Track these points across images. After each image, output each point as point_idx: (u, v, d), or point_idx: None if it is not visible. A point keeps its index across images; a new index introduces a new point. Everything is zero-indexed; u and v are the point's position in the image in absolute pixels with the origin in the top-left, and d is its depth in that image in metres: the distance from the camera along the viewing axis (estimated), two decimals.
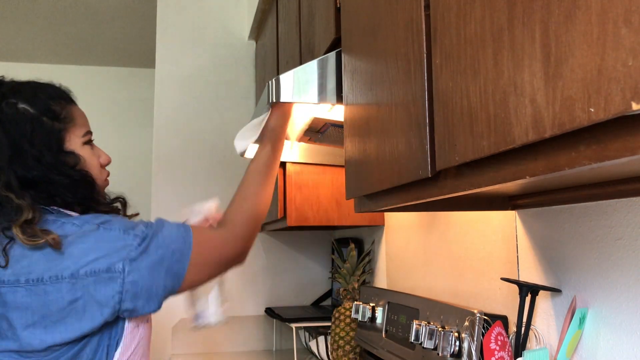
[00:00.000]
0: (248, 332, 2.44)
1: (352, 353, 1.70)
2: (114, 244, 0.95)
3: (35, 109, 1.02)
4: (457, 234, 1.33)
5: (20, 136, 0.98)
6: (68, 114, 1.06)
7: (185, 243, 1.03)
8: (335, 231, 2.49)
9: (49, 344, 0.93)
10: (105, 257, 0.94)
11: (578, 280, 0.93)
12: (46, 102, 1.04)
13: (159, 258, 0.98)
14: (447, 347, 1.05)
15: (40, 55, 3.91)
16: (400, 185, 0.80)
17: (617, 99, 0.39)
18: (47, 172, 0.99)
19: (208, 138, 2.51)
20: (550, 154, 0.49)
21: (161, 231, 1.02)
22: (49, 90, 1.08)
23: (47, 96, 1.05)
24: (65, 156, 1.02)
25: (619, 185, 0.79)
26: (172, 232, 1.03)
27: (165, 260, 0.99)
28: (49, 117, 1.03)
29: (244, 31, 2.62)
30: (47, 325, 0.92)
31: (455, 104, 0.62)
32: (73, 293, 0.92)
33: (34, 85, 1.08)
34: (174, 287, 1.02)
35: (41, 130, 1.01)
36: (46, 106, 1.03)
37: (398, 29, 0.80)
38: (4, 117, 1.00)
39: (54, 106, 1.04)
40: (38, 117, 1.01)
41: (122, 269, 0.94)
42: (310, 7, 1.45)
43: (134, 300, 0.96)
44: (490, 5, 0.56)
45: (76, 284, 0.92)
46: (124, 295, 0.94)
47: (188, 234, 1.04)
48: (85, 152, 1.07)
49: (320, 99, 1.15)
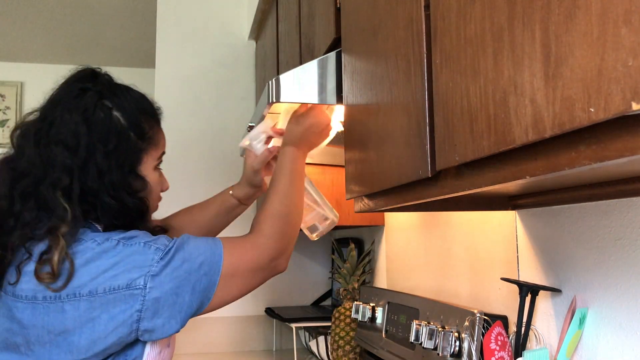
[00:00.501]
0: (248, 332, 2.44)
1: (352, 353, 1.70)
2: (134, 259, 0.90)
3: (127, 121, 0.97)
4: (457, 234, 1.33)
5: (100, 144, 0.93)
6: (153, 135, 1.03)
7: (214, 255, 0.96)
8: (335, 231, 2.49)
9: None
10: (124, 273, 0.88)
11: (578, 280, 0.93)
12: (138, 116, 1.00)
13: (184, 272, 0.92)
14: (447, 347, 1.05)
15: (41, 55, 3.91)
16: (400, 185, 0.80)
17: (617, 99, 0.39)
18: (103, 191, 0.93)
19: (208, 138, 2.51)
20: (550, 154, 0.49)
21: (187, 243, 0.95)
22: (144, 103, 1.04)
23: (141, 110, 1.01)
24: (134, 179, 0.98)
25: (619, 185, 0.79)
26: (199, 244, 0.96)
27: (192, 275, 0.92)
28: (136, 133, 0.98)
29: (244, 31, 2.62)
30: (62, 344, 0.88)
31: (455, 104, 0.62)
32: (91, 311, 0.87)
33: (132, 94, 1.03)
34: (202, 304, 0.95)
35: (123, 146, 0.96)
36: (137, 121, 0.99)
37: (398, 29, 0.80)
38: (95, 119, 0.95)
39: (144, 123, 1.00)
40: (126, 131, 0.97)
41: (144, 285, 0.88)
42: (310, 7, 1.45)
43: (153, 318, 0.89)
44: (490, 5, 0.56)
45: (94, 302, 0.87)
46: (144, 313, 0.88)
47: (217, 245, 0.97)
48: (153, 177, 1.04)
49: (320, 99, 1.15)
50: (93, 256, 0.89)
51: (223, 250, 0.97)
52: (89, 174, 0.92)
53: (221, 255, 0.96)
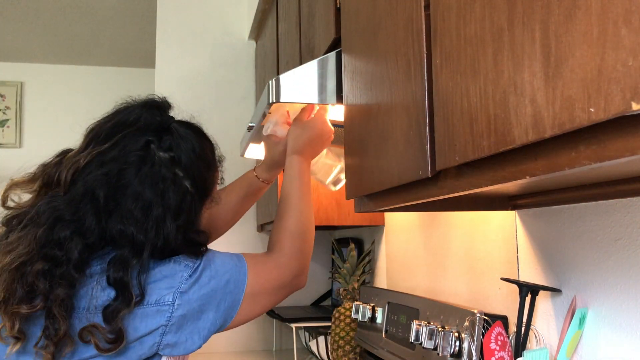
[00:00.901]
0: (248, 332, 2.44)
1: (352, 353, 1.70)
2: (164, 274, 0.90)
3: (195, 188, 0.95)
4: (457, 234, 1.33)
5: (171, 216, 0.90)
6: (213, 183, 1.02)
7: (239, 273, 0.96)
8: (335, 231, 2.49)
9: None
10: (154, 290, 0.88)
11: (578, 280, 0.93)
12: (207, 179, 1.00)
13: (211, 290, 0.92)
14: (447, 347, 1.05)
15: (40, 55, 3.91)
16: (400, 185, 0.80)
17: (617, 99, 0.39)
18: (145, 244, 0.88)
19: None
20: (550, 154, 0.49)
21: (214, 260, 0.95)
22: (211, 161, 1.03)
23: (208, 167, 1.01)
24: (192, 234, 0.95)
25: (619, 185, 0.79)
26: (225, 260, 0.96)
27: (218, 292, 0.93)
28: (201, 196, 0.97)
29: (244, 31, 2.62)
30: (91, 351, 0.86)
31: (455, 104, 0.62)
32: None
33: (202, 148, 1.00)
34: (225, 321, 0.95)
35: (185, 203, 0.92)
36: (204, 185, 0.98)
37: (398, 29, 0.80)
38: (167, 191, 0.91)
39: (209, 184, 1.00)
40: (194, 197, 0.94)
41: (172, 301, 0.88)
42: (310, 7, 1.45)
43: (177, 333, 0.89)
44: (490, 5, 0.56)
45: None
46: (168, 328, 0.88)
47: (242, 263, 0.97)
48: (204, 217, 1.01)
49: (320, 99, 1.15)
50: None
51: (247, 269, 0.97)
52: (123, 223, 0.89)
53: (246, 274, 0.97)
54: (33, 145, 3.96)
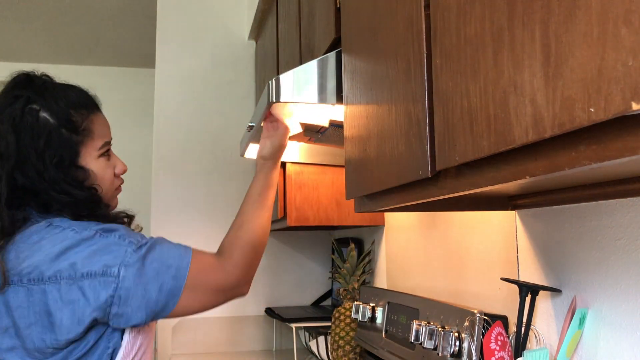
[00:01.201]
0: (248, 332, 2.44)
1: (352, 353, 1.70)
2: (111, 249, 0.97)
3: (56, 119, 1.01)
4: (457, 234, 1.33)
5: (31, 147, 0.98)
6: (88, 126, 1.05)
7: (182, 261, 1.01)
8: (335, 231, 2.49)
9: (49, 345, 0.95)
10: (101, 261, 0.95)
11: (578, 280, 0.93)
12: (68, 111, 1.03)
13: (153, 271, 0.98)
14: (447, 347, 1.05)
15: (40, 55, 3.91)
16: (400, 185, 0.80)
17: (617, 99, 0.39)
18: (48, 188, 0.99)
19: (208, 138, 2.51)
20: (550, 154, 0.49)
21: (160, 245, 1.02)
22: (74, 96, 1.06)
23: (70, 104, 1.04)
24: (76, 171, 1.02)
25: (619, 185, 0.79)
26: (170, 248, 1.03)
27: (160, 275, 0.99)
28: (68, 128, 1.02)
29: (244, 31, 2.62)
30: (45, 325, 0.94)
31: (455, 104, 0.62)
32: (70, 294, 0.94)
33: (60, 88, 1.06)
34: (167, 304, 1.00)
35: (56, 143, 1.00)
36: (67, 116, 1.02)
37: (398, 29, 0.80)
38: (22, 125, 0.99)
39: (75, 117, 1.03)
40: (57, 129, 1.01)
41: (117, 273, 0.96)
42: (310, 7, 1.45)
43: (123, 306, 0.96)
44: (490, 5, 0.56)
45: (73, 285, 0.94)
46: (115, 299, 0.95)
47: (187, 254, 1.03)
48: (99, 164, 1.06)
49: (320, 99, 1.15)
50: (72, 244, 0.96)
51: (191, 261, 1.02)
52: (30, 175, 0.98)
53: (189, 264, 1.02)
54: None
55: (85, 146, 1.04)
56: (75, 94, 1.08)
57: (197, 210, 2.43)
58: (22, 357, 0.96)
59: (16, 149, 0.98)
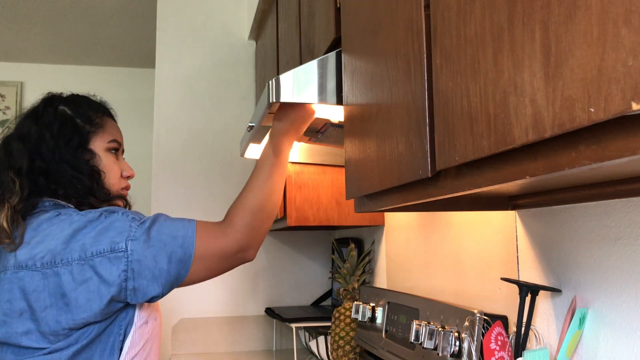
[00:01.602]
0: (248, 332, 2.44)
1: (352, 353, 1.70)
2: (116, 226, 1.04)
3: (72, 111, 1.17)
4: (457, 234, 1.33)
5: (47, 129, 1.13)
6: (101, 122, 1.19)
7: (188, 230, 1.07)
8: (335, 231, 2.49)
9: (64, 326, 1.00)
10: (109, 239, 1.02)
11: (578, 280, 0.93)
12: (85, 109, 1.19)
13: (160, 242, 1.04)
14: (447, 347, 1.05)
15: (40, 55, 3.91)
16: (400, 185, 0.80)
17: (617, 99, 0.39)
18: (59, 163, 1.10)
19: (208, 138, 2.51)
20: (550, 154, 0.49)
21: (162, 219, 1.09)
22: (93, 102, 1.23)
23: (88, 106, 1.21)
24: (84, 152, 1.14)
25: (619, 185, 0.79)
26: (174, 221, 1.09)
27: (168, 245, 1.05)
28: (82, 119, 1.17)
29: (244, 31, 2.62)
30: (61, 306, 1.00)
31: (455, 104, 0.62)
32: (82, 274, 1.00)
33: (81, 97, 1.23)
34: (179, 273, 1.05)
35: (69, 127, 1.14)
36: (83, 111, 1.18)
37: (398, 29, 0.80)
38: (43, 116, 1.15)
39: (90, 113, 1.19)
40: (72, 118, 1.16)
41: (125, 247, 1.02)
42: (310, 7, 1.45)
43: (138, 279, 1.02)
44: (490, 5, 0.56)
45: (84, 265, 1.00)
46: (129, 273, 1.01)
47: (191, 223, 1.09)
48: (107, 157, 1.18)
49: (320, 99, 1.15)
50: (80, 226, 1.03)
51: (196, 230, 1.08)
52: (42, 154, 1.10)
53: (194, 232, 1.08)
54: None
55: (95, 135, 1.17)
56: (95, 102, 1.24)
57: (197, 210, 2.43)
58: (36, 340, 1.00)
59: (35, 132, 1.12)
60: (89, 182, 1.12)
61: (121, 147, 1.24)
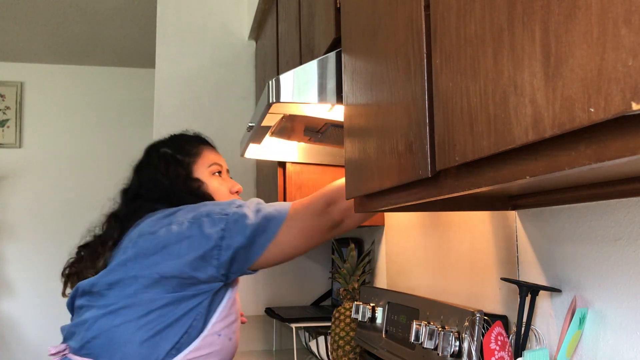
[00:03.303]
0: (248, 332, 2.44)
1: (352, 353, 1.70)
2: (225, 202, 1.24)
3: (172, 149, 1.38)
4: (457, 234, 1.33)
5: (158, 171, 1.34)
6: (197, 151, 1.39)
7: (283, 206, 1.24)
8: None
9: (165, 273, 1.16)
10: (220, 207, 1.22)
11: (578, 280, 0.93)
12: (180, 143, 1.40)
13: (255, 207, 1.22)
14: (447, 347, 1.05)
15: (40, 55, 3.91)
16: (400, 185, 0.80)
17: (617, 99, 0.39)
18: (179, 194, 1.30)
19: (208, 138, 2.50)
20: (550, 154, 0.49)
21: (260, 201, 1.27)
22: (186, 136, 1.45)
23: (184, 140, 1.42)
24: (192, 182, 1.34)
25: (619, 185, 0.79)
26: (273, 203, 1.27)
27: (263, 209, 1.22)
28: (182, 154, 1.37)
29: (244, 31, 2.62)
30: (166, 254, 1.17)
31: (455, 104, 0.62)
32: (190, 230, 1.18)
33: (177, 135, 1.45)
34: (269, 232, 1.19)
35: (174, 164, 1.35)
36: (179, 145, 1.39)
37: (398, 29, 0.80)
38: (151, 161, 1.38)
39: (186, 146, 1.39)
40: (173, 155, 1.37)
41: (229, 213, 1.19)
42: (310, 7, 1.45)
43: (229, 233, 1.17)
44: (490, 5, 0.56)
45: (194, 224, 1.18)
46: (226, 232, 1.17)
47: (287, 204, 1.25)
48: (213, 181, 1.37)
49: (320, 99, 1.15)
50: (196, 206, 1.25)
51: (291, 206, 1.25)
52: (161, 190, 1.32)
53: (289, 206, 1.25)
54: (33, 145, 3.96)
55: (196, 164, 1.37)
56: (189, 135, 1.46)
57: None
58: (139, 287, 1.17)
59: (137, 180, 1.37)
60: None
61: (223, 168, 1.42)
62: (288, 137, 1.56)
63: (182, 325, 1.16)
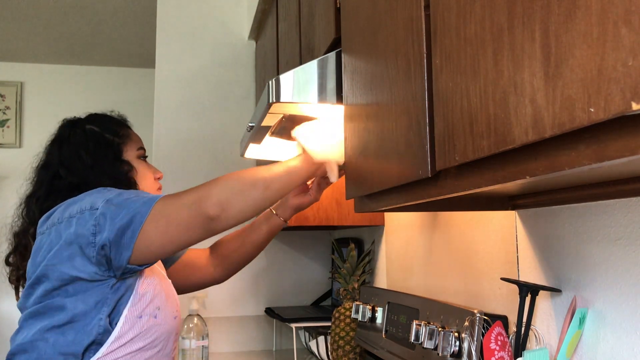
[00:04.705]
0: (248, 332, 2.44)
1: (352, 353, 1.70)
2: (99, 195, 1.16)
3: (100, 128, 1.31)
4: (457, 234, 1.33)
5: (81, 148, 1.27)
6: (126, 133, 1.34)
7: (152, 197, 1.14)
8: (335, 231, 2.49)
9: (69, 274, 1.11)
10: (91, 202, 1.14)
11: (578, 280, 0.93)
12: (109, 123, 1.34)
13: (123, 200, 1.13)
14: (447, 347, 1.05)
15: (40, 55, 3.91)
16: (400, 185, 0.80)
17: (617, 99, 0.39)
18: (99, 177, 1.24)
19: (208, 138, 2.51)
20: (550, 154, 0.49)
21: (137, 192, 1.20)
22: (112, 117, 1.38)
23: (110, 120, 1.36)
24: (121, 164, 1.29)
25: (619, 185, 0.79)
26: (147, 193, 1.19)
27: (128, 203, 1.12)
28: (110, 133, 1.31)
29: (244, 31, 2.62)
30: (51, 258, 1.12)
31: (455, 104, 0.62)
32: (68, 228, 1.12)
33: (101, 114, 1.38)
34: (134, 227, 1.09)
35: (102, 143, 1.28)
36: (108, 125, 1.33)
37: (398, 29, 0.80)
38: (74, 138, 1.29)
39: (115, 126, 1.33)
40: (101, 134, 1.30)
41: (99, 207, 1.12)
42: (310, 7, 1.45)
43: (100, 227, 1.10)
44: (490, 5, 0.56)
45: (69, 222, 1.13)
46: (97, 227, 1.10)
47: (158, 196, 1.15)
48: (140, 165, 1.33)
49: (320, 99, 1.15)
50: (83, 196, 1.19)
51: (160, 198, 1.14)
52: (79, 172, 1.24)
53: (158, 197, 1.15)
54: (33, 145, 3.93)
55: (125, 146, 1.32)
56: (113, 117, 1.39)
57: None
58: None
59: (58, 157, 1.27)
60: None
61: (145, 150, 1.37)
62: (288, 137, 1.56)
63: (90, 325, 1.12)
